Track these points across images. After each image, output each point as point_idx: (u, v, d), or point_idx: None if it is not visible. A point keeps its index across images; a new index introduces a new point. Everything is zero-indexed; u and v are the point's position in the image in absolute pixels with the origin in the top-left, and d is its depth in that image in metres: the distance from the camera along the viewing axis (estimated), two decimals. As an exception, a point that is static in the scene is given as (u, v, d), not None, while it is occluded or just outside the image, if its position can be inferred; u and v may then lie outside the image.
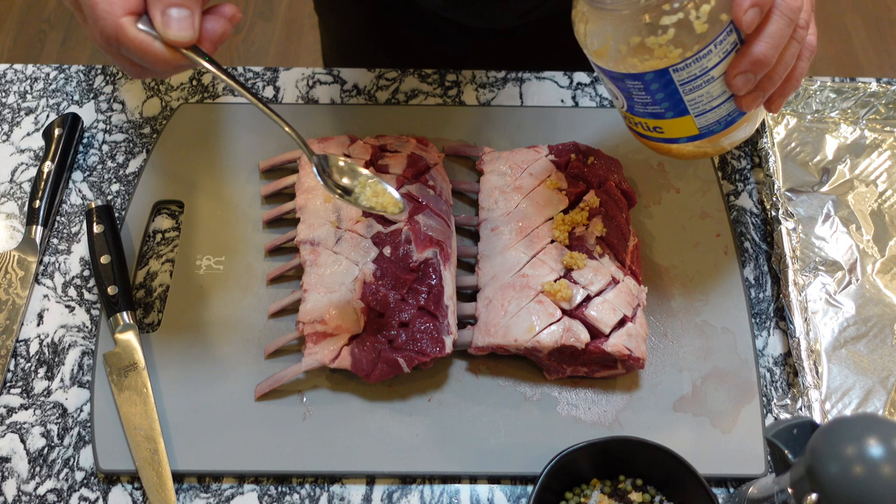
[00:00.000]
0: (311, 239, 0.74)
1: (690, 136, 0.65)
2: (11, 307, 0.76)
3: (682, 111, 0.63)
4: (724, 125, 0.64)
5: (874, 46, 2.23)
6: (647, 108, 0.64)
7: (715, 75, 0.60)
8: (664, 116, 0.64)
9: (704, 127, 0.64)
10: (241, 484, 0.68)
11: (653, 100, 0.62)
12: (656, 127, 0.65)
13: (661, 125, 0.65)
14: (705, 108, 0.62)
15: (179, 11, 0.53)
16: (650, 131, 0.66)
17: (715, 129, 0.64)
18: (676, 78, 0.60)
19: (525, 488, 0.68)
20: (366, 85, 0.91)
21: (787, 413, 0.71)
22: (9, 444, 0.69)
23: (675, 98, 0.61)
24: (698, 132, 0.64)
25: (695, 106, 0.62)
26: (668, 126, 0.65)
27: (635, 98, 0.63)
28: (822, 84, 0.87)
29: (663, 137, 0.66)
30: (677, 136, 0.65)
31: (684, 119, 0.63)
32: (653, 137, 0.67)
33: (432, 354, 0.68)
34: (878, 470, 0.46)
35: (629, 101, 0.64)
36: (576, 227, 0.74)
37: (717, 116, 0.63)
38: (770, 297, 0.78)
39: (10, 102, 0.90)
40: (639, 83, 0.61)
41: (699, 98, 0.61)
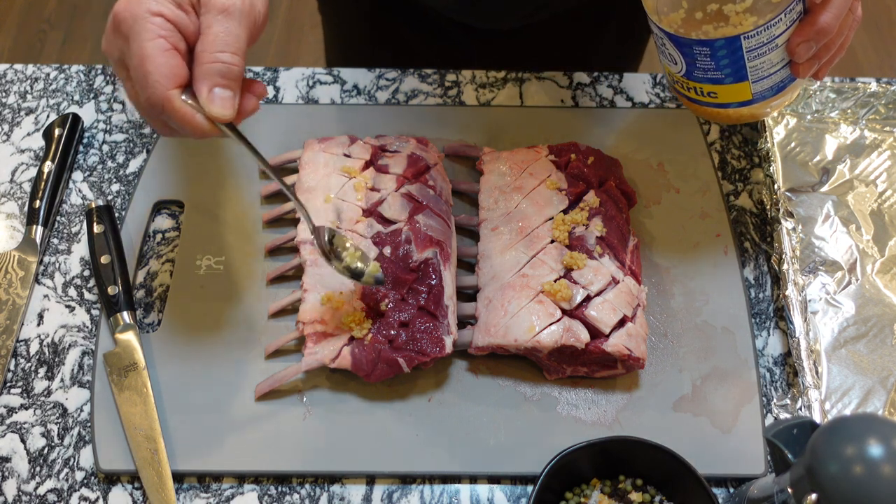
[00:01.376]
0: (312, 239, 0.74)
1: (743, 101, 0.67)
2: (11, 307, 0.76)
3: (741, 77, 0.65)
4: (776, 91, 0.67)
5: (874, 46, 2.23)
6: (708, 73, 0.66)
7: (779, 43, 0.63)
8: (723, 82, 0.66)
9: (758, 93, 0.67)
10: (241, 484, 0.68)
11: (716, 66, 0.65)
12: (711, 92, 0.67)
13: (716, 90, 0.67)
14: (763, 75, 0.65)
15: (223, 91, 0.57)
16: (703, 96, 0.68)
17: (767, 94, 0.67)
18: (745, 45, 0.62)
19: (525, 488, 0.68)
20: (366, 85, 0.91)
21: (787, 413, 0.71)
22: (9, 444, 0.69)
23: (739, 64, 0.64)
24: (751, 97, 0.67)
25: (755, 72, 0.65)
26: (723, 91, 0.67)
27: (698, 64, 0.65)
28: (822, 84, 0.87)
29: (716, 102, 0.68)
30: (730, 101, 0.68)
31: (742, 85, 0.66)
32: (704, 102, 0.69)
33: (432, 354, 0.68)
34: (878, 470, 0.46)
35: (690, 67, 0.66)
36: (576, 227, 0.74)
37: (772, 83, 0.66)
38: (770, 297, 0.78)
39: (10, 102, 0.90)
40: (707, 49, 0.64)
41: (761, 65, 0.64)
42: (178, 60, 0.57)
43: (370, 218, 0.76)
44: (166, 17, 0.57)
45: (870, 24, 2.27)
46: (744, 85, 0.66)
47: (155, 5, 0.57)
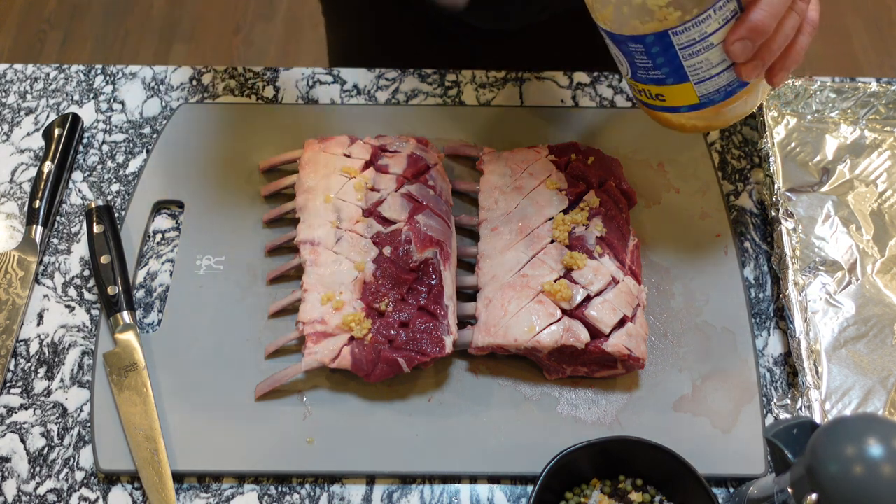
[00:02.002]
0: (311, 239, 0.74)
1: (691, 104, 0.66)
2: (11, 307, 0.76)
3: (682, 77, 0.64)
4: (725, 95, 0.65)
5: (874, 46, 2.23)
6: (649, 73, 0.65)
7: (714, 42, 0.61)
8: (665, 82, 0.65)
9: (705, 96, 0.65)
10: (241, 484, 0.68)
11: (654, 64, 0.64)
12: (658, 94, 0.67)
13: (662, 92, 0.66)
14: (705, 76, 0.63)
15: None
16: (653, 99, 0.68)
17: (715, 98, 0.65)
18: (676, 42, 0.61)
19: (525, 488, 0.68)
20: (366, 85, 0.91)
21: (787, 413, 0.71)
22: (9, 444, 0.69)
23: (675, 63, 0.63)
24: (699, 101, 0.66)
25: (695, 72, 0.63)
26: (669, 93, 0.66)
27: (637, 63, 0.65)
28: (822, 84, 0.87)
29: (665, 106, 0.67)
30: (679, 105, 0.67)
31: (685, 86, 0.64)
32: (656, 106, 0.68)
33: (432, 354, 0.68)
34: (878, 470, 0.46)
35: (632, 67, 0.66)
36: (576, 227, 0.74)
37: (717, 85, 0.64)
38: (770, 297, 0.78)
39: (10, 102, 0.90)
40: (640, 46, 0.63)
41: (699, 64, 0.63)
42: None
43: (370, 218, 0.76)
44: None
45: (870, 24, 2.27)
46: (687, 86, 0.65)
47: None
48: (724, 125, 0.70)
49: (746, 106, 0.68)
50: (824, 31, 2.25)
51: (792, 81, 0.87)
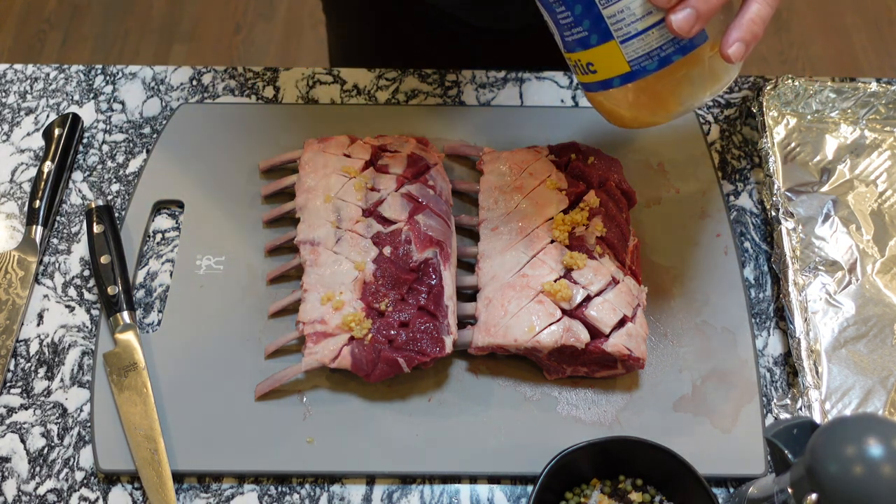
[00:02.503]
0: (311, 239, 0.74)
1: (624, 73, 0.58)
2: (11, 307, 0.76)
3: (604, 32, 0.57)
4: (658, 62, 0.57)
5: (874, 46, 2.23)
6: (573, 31, 0.58)
7: None
8: (589, 43, 0.58)
9: (635, 61, 0.57)
10: (241, 484, 0.68)
11: (573, 17, 0.57)
12: (588, 63, 0.59)
13: (591, 59, 0.58)
14: (630, 32, 0.56)
15: None
16: (586, 73, 0.60)
17: (648, 65, 0.57)
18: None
19: (525, 488, 0.68)
20: (366, 85, 0.91)
21: (787, 413, 0.71)
22: (9, 444, 0.69)
23: (594, 13, 0.56)
24: (630, 68, 0.57)
25: (617, 26, 0.56)
26: (597, 59, 0.58)
27: (560, 20, 0.59)
28: (822, 84, 0.87)
29: (598, 80, 0.60)
30: (610, 76, 0.59)
31: (610, 46, 0.57)
32: (590, 84, 0.61)
33: (432, 354, 0.68)
34: (878, 470, 0.46)
35: (560, 30, 0.60)
36: (576, 227, 0.74)
37: (648, 46, 0.56)
38: (770, 297, 0.78)
39: (10, 102, 0.90)
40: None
41: (620, 15, 0.56)
42: None
43: (370, 218, 0.76)
44: None
45: (870, 24, 2.27)
46: (612, 47, 0.57)
47: None
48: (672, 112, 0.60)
49: (693, 87, 0.58)
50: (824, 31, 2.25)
51: (792, 81, 0.87)
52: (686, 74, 0.58)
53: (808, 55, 2.22)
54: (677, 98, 0.59)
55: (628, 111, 0.62)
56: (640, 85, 0.58)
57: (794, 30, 2.26)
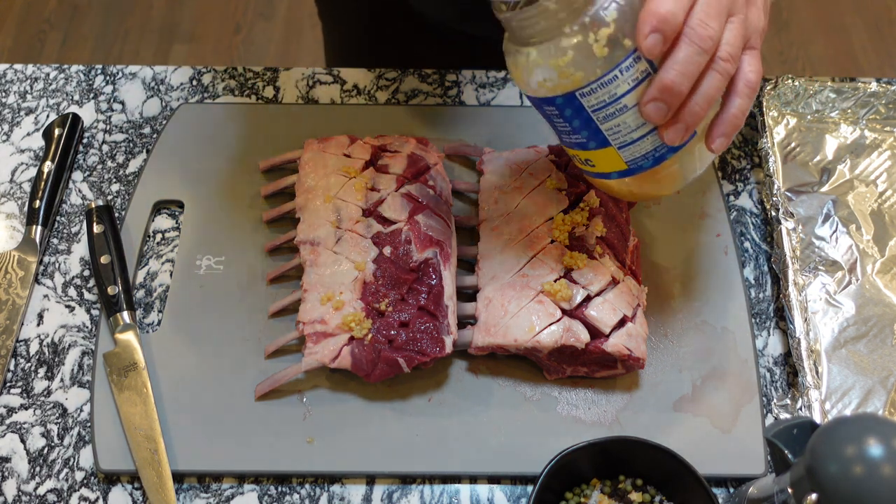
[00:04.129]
0: (311, 239, 0.74)
1: (621, 170, 0.62)
2: (11, 307, 0.76)
3: (602, 141, 0.61)
4: (654, 161, 0.61)
5: (874, 46, 2.23)
6: (571, 137, 0.62)
7: (628, 104, 0.58)
8: (588, 147, 0.62)
9: (632, 161, 0.61)
10: (241, 484, 0.68)
11: (571, 128, 0.61)
12: (587, 160, 0.63)
13: (589, 157, 0.63)
14: (626, 140, 0.60)
15: None
16: (584, 164, 0.64)
17: (644, 164, 0.61)
18: (586, 104, 0.58)
19: (525, 488, 0.68)
20: (366, 85, 0.91)
21: (787, 413, 0.71)
22: (9, 444, 0.69)
23: (592, 127, 0.60)
24: (627, 167, 0.62)
25: (614, 136, 0.60)
26: (595, 158, 0.62)
27: (558, 127, 0.62)
28: (822, 84, 0.87)
29: (596, 171, 0.64)
30: (609, 171, 0.63)
31: (608, 151, 0.61)
32: (589, 172, 0.65)
33: (432, 354, 0.68)
34: (878, 470, 0.46)
35: (556, 131, 0.63)
36: (576, 227, 0.74)
37: (643, 150, 0.60)
38: (770, 297, 0.78)
39: (10, 102, 0.90)
40: (553, 109, 0.60)
41: (616, 128, 0.59)
42: None
43: (370, 218, 0.76)
44: None
45: (870, 24, 2.27)
46: (610, 151, 0.61)
47: None
48: (668, 193, 0.65)
49: (685, 172, 0.63)
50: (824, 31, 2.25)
51: (792, 81, 0.87)
52: (678, 166, 0.62)
53: (808, 55, 2.22)
54: (670, 183, 0.64)
55: (625, 194, 0.67)
56: (637, 178, 0.63)
57: (794, 30, 2.26)
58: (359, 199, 0.76)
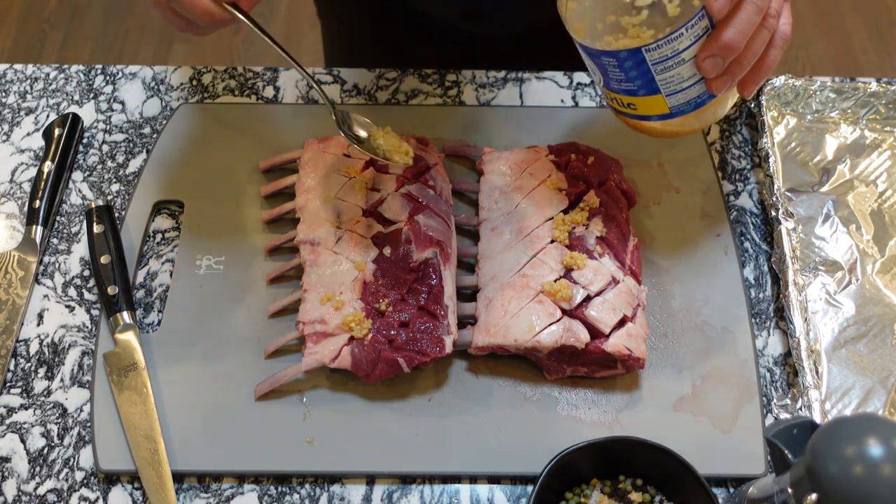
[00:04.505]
0: (311, 239, 0.74)
1: (661, 114, 0.67)
2: (11, 307, 0.76)
3: (653, 90, 0.65)
4: (694, 106, 0.67)
5: (874, 46, 2.23)
6: (622, 84, 0.66)
7: (686, 58, 0.63)
8: (637, 94, 0.66)
9: (675, 107, 0.66)
10: (241, 484, 0.68)
11: (626, 77, 0.65)
12: (630, 104, 0.68)
13: (634, 102, 0.67)
14: (676, 89, 0.65)
15: None
16: (624, 107, 0.69)
17: (685, 109, 0.67)
18: (649, 58, 0.62)
19: (525, 488, 0.68)
20: (366, 85, 0.91)
21: (787, 413, 0.71)
22: (9, 444, 0.69)
23: (648, 77, 0.64)
24: (669, 111, 0.67)
25: (666, 86, 0.64)
26: (640, 103, 0.67)
27: (610, 75, 0.66)
28: (822, 84, 0.87)
29: (636, 114, 0.69)
30: (649, 114, 0.68)
31: (656, 98, 0.66)
32: (627, 113, 0.70)
33: (432, 354, 0.68)
34: (878, 470, 0.46)
35: (605, 78, 0.67)
36: (576, 227, 0.74)
37: (688, 97, 0.66)
38: (770, 297, 0.78)
39: (10, 102, 0.90)
40: (613, 60, 0.64)
41: (670, 78, 0.64)
42: None
43: (370, 218, 0.76)
44: None
45: (870, 24, 2.27)
46: (658, 98, 0.66)
47: None
48: (693, 132, 0.72)
49: (715, 115, 0.70)
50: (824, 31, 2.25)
51: (792, 81, 0.87)
52: (712, 109, 0.69)
53: (808, 55, 2.22)
54: (700, 122, 0.70)
55: (656, 133, 0.71)
56: (674, 120, 0.68)
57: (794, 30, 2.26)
58: (359, 199, 0.76)
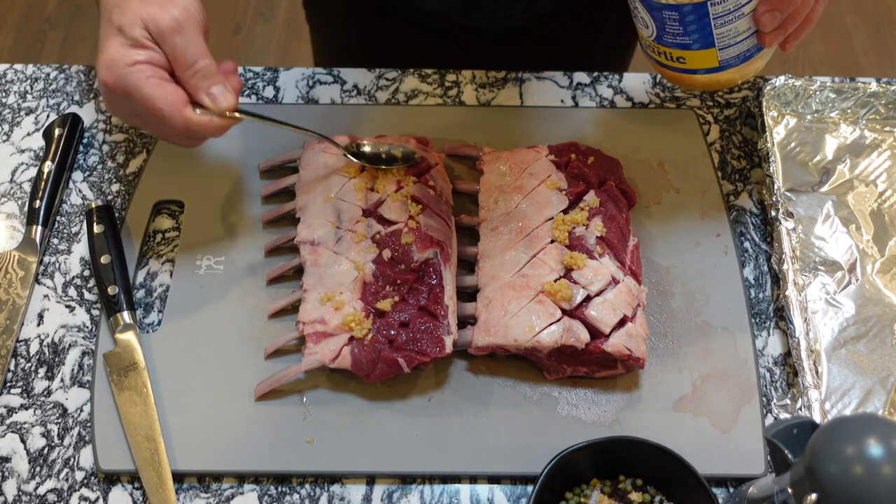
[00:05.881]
0: (311, 239, 0.74)
1: (710, 68, 0.70)
2: (11, 307, 0.76)
3: (708, 44, 0.68)
4: (742, 60, 0.70)
5: (874, 46, 2.23)
6: (677, 38, 0.68)
7: (745, 11, 0.66)
8: (691, 48, 0.69)
9: (724, 60, 0.70)
10: (241, 484, 0.68)
11: (684, 31, 0.67)
12: (679, 57, 0.70)
13: (685, 56, 0.70)
14: (730, 43, 0.68)
15: (217, 88, 0.67)
16: (672, 61, 0.71)
17: (733, 63, 0.70)
18: (713, 12, 0.65)
19: (525, 488, 0.68)
20: (366, 85, 0.91)
21: (787, 413, 0.71)
22: (9, 444, 0.69)
23: (706, 31, 0.67)
24: (718, 65, 0.70)
25: (721, 39, 0.68)
26: (691, 57, 0.70)
27: (667, 28, 0.68)
28: (822, 84, 0.87)
29: (684, 68, 0.71)
30: (698, 68, 0.71)
31: (709, 52, 0.68)
32: (674, 67, 0.72)
33: (432, 354, 0.68)
34: (878, 470, 0.46)
35: (660, 31, 0.69)
36: (576, 227, 0.74)
37: (739, 51, 0.69)
38: (770, 297, 0.78)
39: (10, 102, 0.90)
40: (675, 14, 0.66)
41: (727, 32, 0.67)
42: (173, 87, 0.65)
43: (370, 218, 0.76)
44: (143, 61, 0.64)
45: (870, 24, 2.27)
46: (711, 52, 0.68)
47: (129, 59, 0.64)
48: (731, 85, 0.74)
49: (756, 68, 0.73)
50: (824, 31, 2.25)
51: (792, 81, 0.87)
52: (757, 62, 0.72)
53: (808, 55, 2.22)
54: (740, 74, 0.72)
55: (697, 86, 0.74)
56: (721, 73, 0.71)
57: (794, 30, 2.26)
58: (359, 199, 0.76)
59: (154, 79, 0.64)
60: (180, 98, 0.65)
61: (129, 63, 0.64)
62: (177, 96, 0.65)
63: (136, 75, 0.64)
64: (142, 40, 0.64)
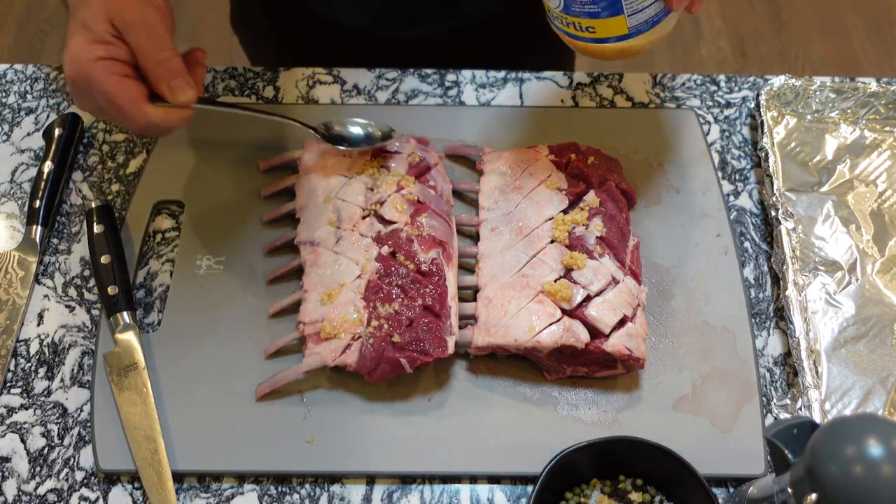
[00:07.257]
0: (312, 239, 0.74)
1: (620, 35, 0.68)
2: (11, 307, 0.76)
3: (617, 10, 0.66)
4: (651, 24, 0.68)
5: (874, 46, 2.23)
6: (585, 7, 0.67)
7: None
8: (599, 16, 0.67)
9: (634, 27, 0.68)
10: (241, 484, 0.68)
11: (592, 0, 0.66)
12: (589, 27, 0.69)
13: (594, 25, 0.68)
14: (639, 8, 0.67)
15: (176, 82, 0.67)
16: (582, 31, 0.69)
17: (642, 28, 0.68)
18: None
19: (525, 488, 0.68)
20: (366, 85, 0.91)
21: (787, 413, 0.71)
22: (9, 444, 0.69)
23: None
24: (628, 32, 0.68)
25: (630, 5, 0.66)
26: (600, 25, 0.68)
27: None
28: (822, 84, 0.87)
29: (594, 37, 0.70)
30: (607, 36, 0.69)
31: (618, 19, 0.67)
32: (583, 38, 0.70)
33: (435, 355, 0.68)
34: (878, 470, 0.46)
35: (568, 1, 0.68)
36: (576, 227, 0.74)
37: (647, 16, 0.67)
38: (770, 297, 0.78)
39: (11, 102, 0.90)
40: None
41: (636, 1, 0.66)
42: (133, 82, 0.66)
43: (371, 217, 0.76)
44: (105, 57, 0.65)
45: (870, 24, 2.27)
46: (619, 19, 0.67)
47: (92, 54, 0.65)
48: (641, 51, 0.72)
49: (665, 31, 0.71)
50: (824, 31, 2.25)
51: (792, 81, 0.87)
52: (665, 27, 0.70)
53: (808, 55, 2.22)
54: (650, 41, 0.71)
55: (609, 54, 0.72)
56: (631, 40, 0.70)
57: (794, 30, 2.26)
58: (359, 199, 0.76)
59: (115, 75, 0.65)
60: (140, 94, 0.66)
61: (91, 59, 0.65)
62: (136, 92, 0.65)
63: (98, 71, 0.64)
64: (105, 36, 0.65)
